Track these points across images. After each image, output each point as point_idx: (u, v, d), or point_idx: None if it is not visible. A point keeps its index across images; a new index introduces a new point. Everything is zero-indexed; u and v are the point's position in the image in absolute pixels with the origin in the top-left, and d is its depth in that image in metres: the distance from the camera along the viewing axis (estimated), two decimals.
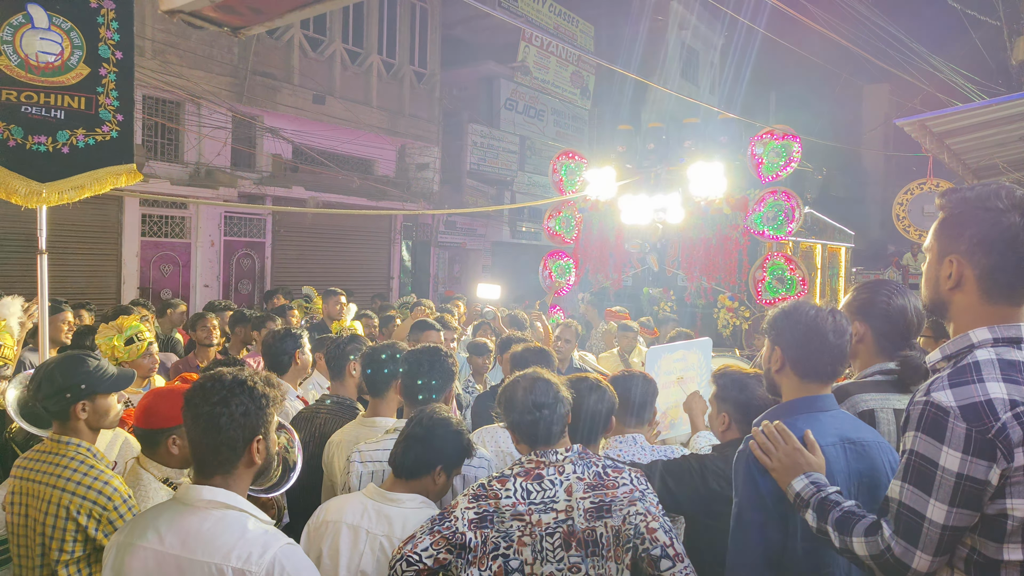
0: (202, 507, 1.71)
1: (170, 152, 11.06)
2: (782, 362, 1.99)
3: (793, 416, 1.90)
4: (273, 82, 12.07)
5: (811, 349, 1.94)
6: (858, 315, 2.26)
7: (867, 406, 2.11)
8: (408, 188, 14.65)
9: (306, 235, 12.94)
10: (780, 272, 8.01)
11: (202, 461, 1.76)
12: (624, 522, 2.03)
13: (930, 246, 1.63)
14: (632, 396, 2.85)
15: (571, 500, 2.05)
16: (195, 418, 1.73)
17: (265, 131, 12.13)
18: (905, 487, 1.47)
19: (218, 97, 11.08)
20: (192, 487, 1.74)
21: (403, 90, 14.60)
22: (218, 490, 1.73)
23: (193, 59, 10.74)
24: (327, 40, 13.07)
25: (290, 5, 1.79)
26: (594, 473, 2.10)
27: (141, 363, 3.70)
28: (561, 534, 2.02)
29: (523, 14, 16.85)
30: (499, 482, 2.08)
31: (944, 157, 7.65)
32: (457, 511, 2.06)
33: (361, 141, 13.55)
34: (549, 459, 2.11)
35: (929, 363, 1.62)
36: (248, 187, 11.69)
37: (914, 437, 1.46)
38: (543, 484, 2.07)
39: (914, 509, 1.44)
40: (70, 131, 3.36)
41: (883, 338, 2.22)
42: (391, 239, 14.86)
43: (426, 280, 15.66)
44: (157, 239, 10.91)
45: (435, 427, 2.30)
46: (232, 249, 11.98)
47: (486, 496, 2.07)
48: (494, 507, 2.04)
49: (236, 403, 1.72)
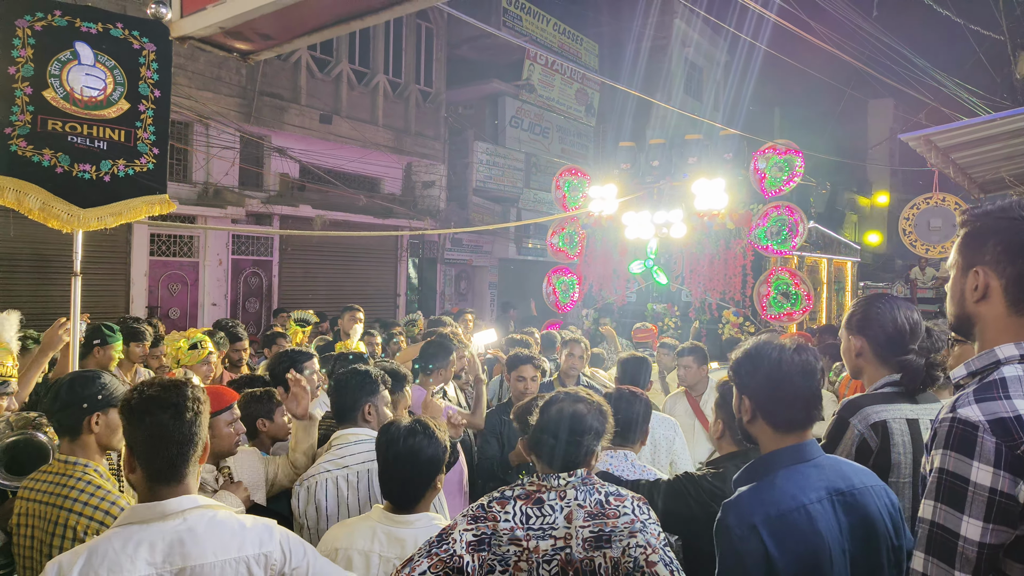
0: (182, 514, 1.69)
1: (179, 172, 11.15)
2: (752, 412, 1.88)
3: (772, 472, 1.79)
4: (280, 102, 12.19)
5: (780, 396, 1.82)
6: (856, 330, 2.30)
7: (879, 417, 2.10)
8: (414, 206, 14.72)
9: (313, 253, 13.00)
10: (785, 287, 7.97)
11: (169, 466, 1.73)
12: (624, 554, 1.97)
13: (954, 262, 1.61)
14: (624, 413, 2.85)
15: (570, 528, 1.98)
16: (170, 423, 1.72)
17: (273, 150, 12.23)
18: (937, 506, 1.42)
19: (226, 117, 11.19)
20: (166, 501, 1.70)
21: (409, 109, 14.72)
22: (186, 497, 1.72)
23: (202, 80, 10.86)
24: (334, 61, 13.21)
25: (299, 30, 1.83)
26: (596, 501, 2.03)
27: (199, 368, 4.12)
28: (559, 562, 1.96)
29: (528, 33, 16.99)
30: (499, 504, 2.03)
31: (950, 171, 7.65)
32: (455, 533, 1.99)
33: (367, 159, 13.64)
34: (551, 483, 2.04)
35: (953, 378, 1.59)
36: (256, 206, 11.77)
37: (943, 455, 1.42)
38: (543, 509, 2.01)
39: (947, 528, 1.39)
40: (112, 161, 3.57)
41: (882, 348, 2.25)
42: (398, 256, 14.91)
43: (432, 297, 15.68)
44: (165, 258, 10.98)
45: (411, 452, 2.23)
46: (240, 268, 12.04)
47: (485, 518, 2.01)
48: (492, 529, 1.98)
49: (186, 410, 1.74)
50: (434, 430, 2.29)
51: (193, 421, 1.74)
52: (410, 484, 2.25)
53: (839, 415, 2.20)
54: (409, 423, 2.30)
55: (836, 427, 2.18)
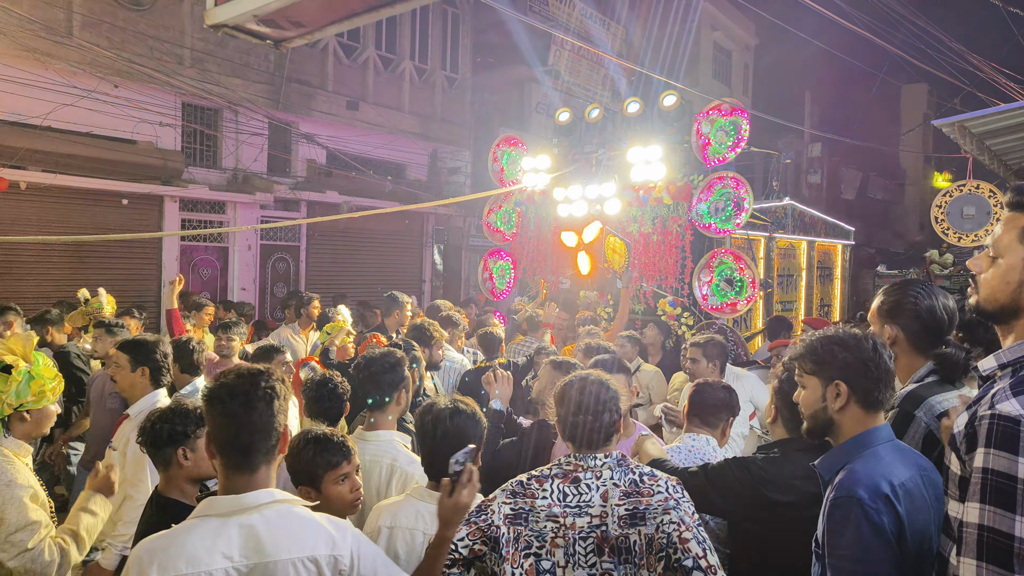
0: (259, 509, 1.70)
1: (209, 158, 11.31)
2: (847, 397, 1.84)
3: (870, 448, 1.79)
4: (308, 89, 12.27)
5: (876, 376, 1.83)
6: (888, 318, 2.23)
7: (942, 407, 2.05)
8: (440, 192, 14.76)
9: (340, 239, 13.12)
10: (729, 272, 6.88)
11: (243, 455, 1.73)
12: (657, 530, 2.03)
13: (1006, 246, 1.50)
14: (710, 399, 3.00)
15: (606, 506, 2.06)
16: (241, 411, 1.72)
17: (300, 137, 12.34)
18: (985, 509, 1.34)
19: (255, 104, 11.30)
20: (246, 495, 1.71)
21: (435, 95, 14.73)
22: (263, 491, 1.72)
23: (231, 67, 10.97)
24: (360, 47, 13.25)
25: (330, 18, 1.85)
26: (630, 480, 2.12)
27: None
28: (594, 539, 2.04)
29: (554, 17, 16.87)
30: (537, 482, 2.12)
31: (984, 158, 7.51)
32: (494, 504, 2.10)
33: (394, 146, 13.70)
34: (587, 463, 2.13)
35: (983, 370, 1.53)
36: (284, 192, 11.90)
37: (985, 454, 1.35)
38: (579, 487, 2.10)
39: (999, 530, 1.32)
40: None
41: (916, 338, 2.19)
42: (423, 243, 14.99)
43: (458, 283, 15.74)
44: (196, 243, 11.16)
45: (458, 430, 2.29)
46: (268, 253, 12.20)
47: (523, 494, 2.11)
48: (530, 506, 2.08)
49: (261, 393, 1.74)
50: (475, 410, 2.38)
51: (265, 411, 1.72)
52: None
53: (901, 408, 2.14)
54: (451, 402, 2.36)
55: (899, 420, 2.12)
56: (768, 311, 9.17)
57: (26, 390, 2.45)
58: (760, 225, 9.12)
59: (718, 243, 7.22)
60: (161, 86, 10.04)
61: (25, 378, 2.45)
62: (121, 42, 9.60)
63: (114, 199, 9.84)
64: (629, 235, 7.62)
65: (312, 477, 2.28)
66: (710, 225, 6.93)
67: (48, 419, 2.61)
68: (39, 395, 2.49)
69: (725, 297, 6.88)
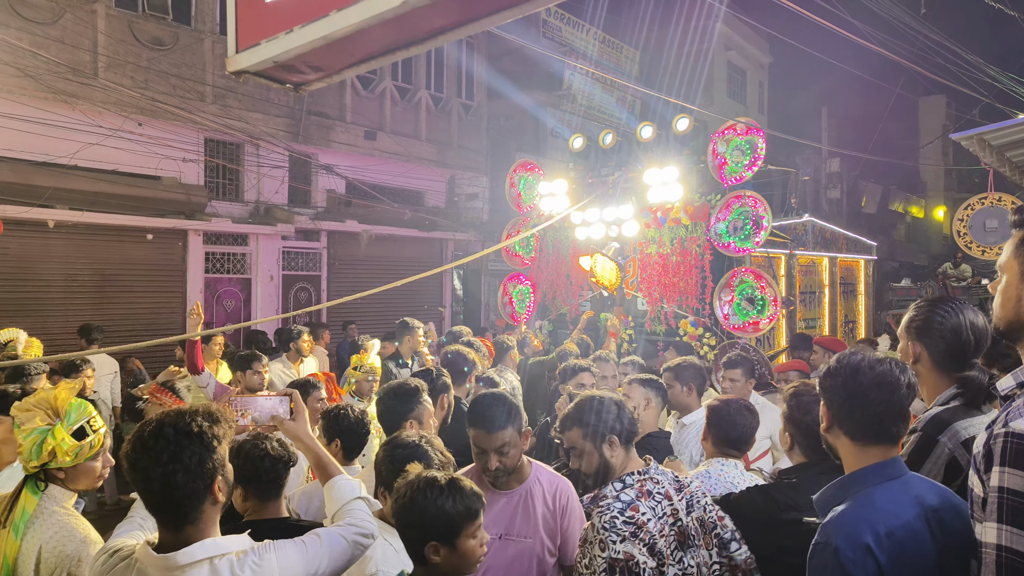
0: (185, 571, 1.64)
1: (231, 191, 11.51)
2: (829, 420, 1.81)
3: (863, 489, 1.69)
4: (327, 121, 12.48)
5: (853, 407, 1.75)
6: (915, 335, 2.19)
7: (968, 434, 1.99)
8: (458, 218, 14.87)
9: (361, 267, 13.24)
10: (750, 291, 6.80)
11: (167, 518, 1.70)
12: (705, 512, 2.33)
13: (1008, 264, 1.51)
14: (741, 424, 2.98)
15: (673, 503, 2.30)
16: (148, 480, 1.65)
17: (320, 168, 12.53)
18: (1003, 529, 1.32)
19: (275, 137, 11.51)
20: (168, 556, 1.65)
21: (451, 122, 14.91)
22: (194, 548, 1.67)
23: (251, 102, 11.20)
24: (377, 79, 13.47)
25: (348, 62, 1.90)
26: (671, 478, 2.39)
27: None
28: (675, 533, 2.26)
29: (568, 43, 17.04)
30: (632, 509, 2.25)
31: (1005, 170, 7.43)
32: (626, 546, 2.18)
33: (411, 174, 13.85)
34: (650, 474, 2.37)
35: (1002, 390, 1.50)
36: (304, 222, 12.06)
37: (1000, 473, 1.34)
38: (654, 497, 2.31)
39: (1018, 551, 1.29)
40: None
41: (941, 358, 2.14)
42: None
43: (478, 309, 15.79)
44: (219, 275, 11.32)
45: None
46: (290, 283, 12.34)
47: (635, 523, 2.23)
48: (647, 532, 2.21)
49: (188, 455, 1.64)
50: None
51: (186, 478, 1.66)
52: None
53: (924, 432, 2.08)
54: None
55: (922, 445, 2.07)
56: (792, 329, 9.06)
57: (38, 451, 2.23)
58: (780, 243, 9.06)
59: (738, 262, 7.17)
60: (184, 123, 10.27)
61: (37, 439, 2.24)
62: (145, 81, 9.85)
63: (139, 234, 10.03)
64: (646, 256, 7.62)
65: (450, 531, 1.87)
66: (729, 244, 6.92)
67: (87, 475, 2.36)
68: (52, 455, 2.24)
69: (747, 316, 6.80)
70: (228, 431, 1.77)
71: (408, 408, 2.99)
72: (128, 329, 9.79)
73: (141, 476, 1.66)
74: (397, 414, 2.97)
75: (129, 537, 1.90)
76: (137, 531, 1.95)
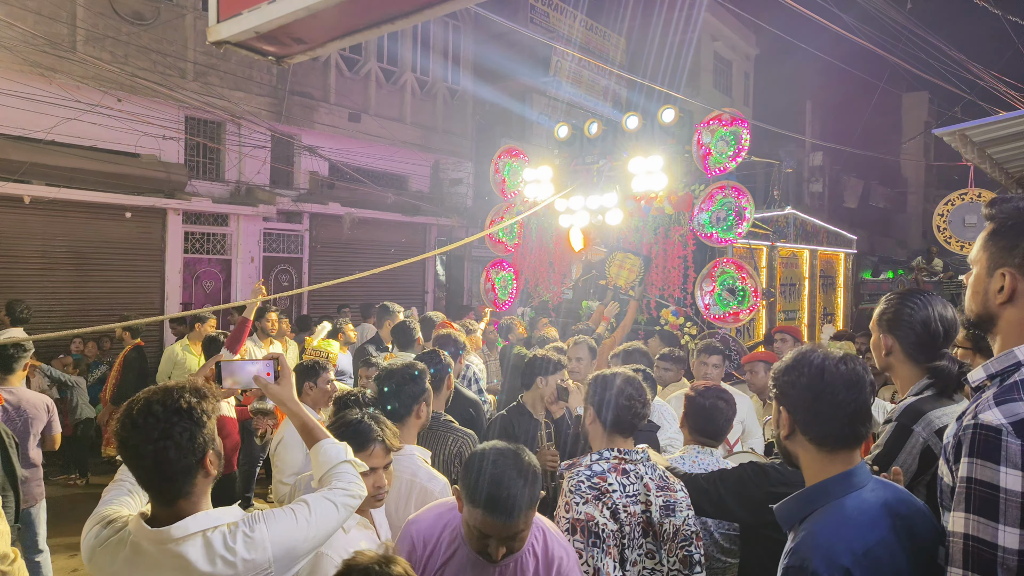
0: (180, 543, 1.68)
1: (211, 171, 11.35)
2: (790, 426, 1.67)
3: (831, 502, 1.57)
4: (310, 101, 12.34)
5: (820, 409, 1.61)
6: (887, 328, 2.23)
7: (940, 423, 2.04)
8: (442, 203, 14.80)
9: (342, 250, 13.15)
10: (731, 282, 6.80)
11: (160, 493, 1.73)
12: (684, 523, 2.34)
13: (977, 258, 1.55)
14: (717, 415, 3.00)
15: (650, 495, 2.33)
16: (140, 457, 1.68)
17: (303, 149, 12.39)
18: (969, 518, 1.36)
19: (257, 117, 11.36)
20: (162, 529, 1.68)
21: (437, 106, 14.80)
22: (187, 521, 1.70)
23: (233, 80, 11.04)
24: (363, 60, 13.33)
25: (332, 35, 1.86)
26: (659, 475, 2.40)
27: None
28: (641, 524, 2.30)
29: (554, 29, 16.96)
30: (599, 478, 2.30)
31: (986, 167, 7.50)
32: (588, 507, 2.26)
33: (396, 157, 13.75)
34: (632, 456, 2.39)
35: (972, 382, 1.53)
36: (286, 204, 11.94)
37: (968, 463, 1.37)
38: (629, 478, 2.34)
39: (982, 539, 1.33)
40: None
41: (912, 349, 2.19)
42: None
43: (461, 294, 15.76)
44: (199, 255, 11.19)
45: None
46: (271, 265, 12.22)
47: (600, 490, 2.29)
48: (611, 501, 2.27)
49: (179, 431, 1.67)
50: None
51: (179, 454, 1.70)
52: None
53: (899, 422, 2.11)
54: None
55: (897, 435, 2.10)
56: (771, 320, 9.12)
57: None
58: (762, 234, 9.10)
59: (720, 253, 7.19)
60: (164, 100, 10.10)
61: None
62: (124, 56, 9.67)
63: (117, 212, 9.87)
64: (628, 245, 7.61)
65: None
66: (712, 235, 6.93)
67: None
68: None
69: (727, 307, 6.83)
70: (216, 406, 1.81)
71: (421, 389, 2.94)
72: (105, 308, 9.65)
73: (133, 454, 1.69)
74: (409, 396, 2.91)
75: (120, 504, 1.90)
76: (126, 496, 1.94)
